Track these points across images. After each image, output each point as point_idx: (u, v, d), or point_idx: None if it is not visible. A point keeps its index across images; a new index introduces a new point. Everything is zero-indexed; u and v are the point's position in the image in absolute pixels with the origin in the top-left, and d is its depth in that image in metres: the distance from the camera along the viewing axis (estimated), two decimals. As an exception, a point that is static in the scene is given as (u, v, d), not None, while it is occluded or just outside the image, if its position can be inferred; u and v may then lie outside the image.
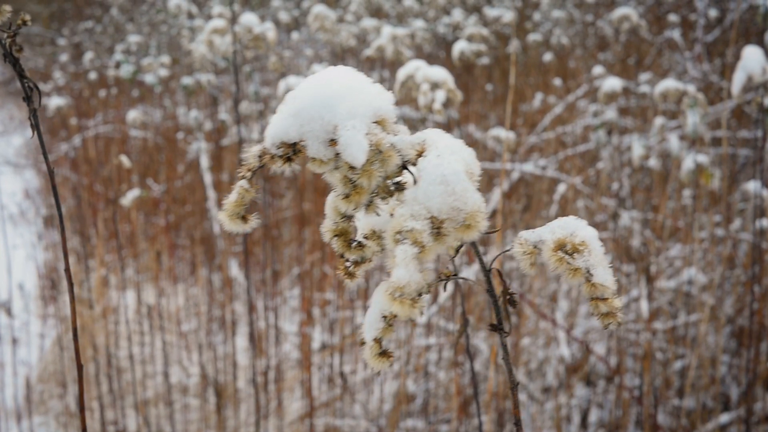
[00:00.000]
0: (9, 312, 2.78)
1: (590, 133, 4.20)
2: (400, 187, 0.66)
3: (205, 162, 4.06)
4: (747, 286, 2.94)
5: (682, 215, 3.56)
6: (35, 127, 0.84)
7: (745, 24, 4.85)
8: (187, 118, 5.21)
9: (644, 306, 2.80)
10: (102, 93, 6.95)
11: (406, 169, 0.66)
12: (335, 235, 0.68)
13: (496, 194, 3.78)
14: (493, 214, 3.68)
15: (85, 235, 4.27)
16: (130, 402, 3.21)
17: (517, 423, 0.71)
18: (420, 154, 0.65)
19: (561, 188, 3.73)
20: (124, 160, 3.31)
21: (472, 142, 4.62)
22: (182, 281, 4.36)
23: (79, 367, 0.84)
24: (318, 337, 3.48)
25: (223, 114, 4.96)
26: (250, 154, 0.65)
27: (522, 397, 2.91)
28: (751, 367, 2.09)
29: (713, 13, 4.95)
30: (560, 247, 0.65)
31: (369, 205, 0.66)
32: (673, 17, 5.05)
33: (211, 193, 3.92)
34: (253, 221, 0.66)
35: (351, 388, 3.04)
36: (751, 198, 3.06)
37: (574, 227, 0.66)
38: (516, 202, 4.20)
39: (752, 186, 2.75)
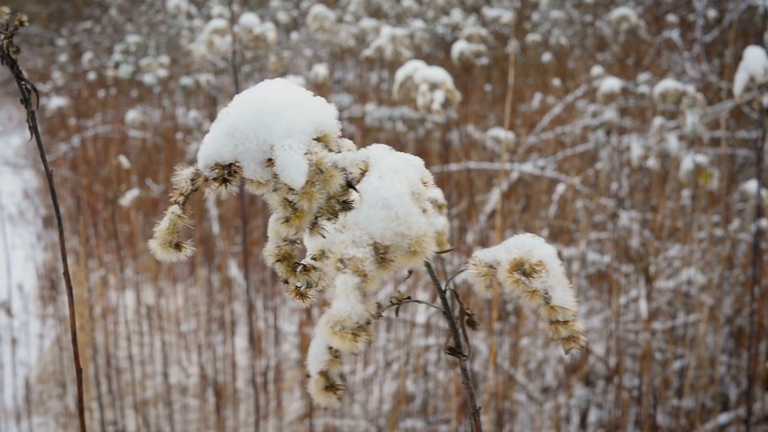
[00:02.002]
0: (9, 312, 2.78)
1: (589, 134, 4.21)
2: (347, 207, 0.62)
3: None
4: (746, 286, 2.95)
5: (681, 215, 3.56)
6: (33, 129, 0.84)
7: (743, 24, 4.86)
8: (186, 119, 5.21)
9: (643, 306, 2.80)
10: (101, 93, 6.95)
11: (352, 187, 0.61)
12: (278, 260, 0.64)
13: (495, 194, 3.78)
14: (492, 215, 3.68)
15: (84, 236, 4.27)
16: (129, 402, 3.21)
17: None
18: (364, 173, 0.61)
19: (560, 188, 3.73)
20: (123, 160, 3.31)
21: (471, 142, 4.62)
22: (181, 281, 4.36)
23: (78, 371, 0.84)
24: (317, 337, 3.48)
25: (222, 114, 4.96)
26: (181, 177, 0.61)
27: (521, 397, 2.92)
28: (750, 367, 2.10)
29: (712, 13, 4.95)
30: (516, 267, 0.61)
31: (313, 227, 0.62)
32: (671, 17, 5.06)
33: (210, 194, 3.92)
34: (188, 249, 0.62)
35: (350, 388, 3.05)
36: (750, 198, 3.06)
37: (531, 246, 0.61)
38: (515, 202, 4.20)
39: (751, 186, 2.76)
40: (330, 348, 0.62)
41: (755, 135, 2.21)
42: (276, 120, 0.60)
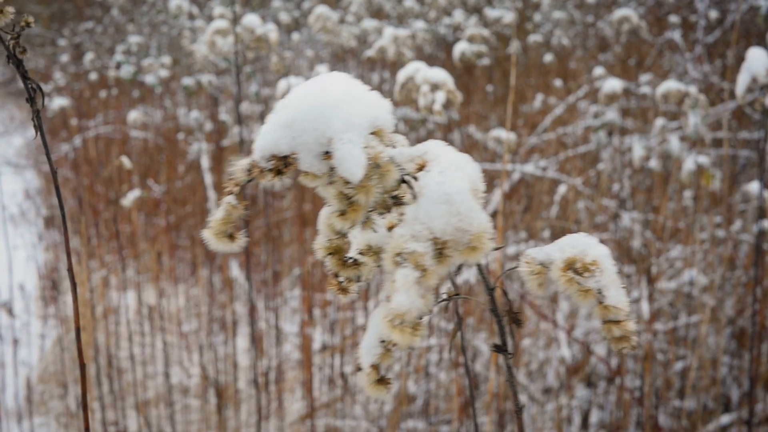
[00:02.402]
0: (10, 312, 2.78)
1: (591, 134, 4.21)
2: (398, 202, 0.62)
3: (205, 162, 4.06)
4: (748, 287, 2.94)
5: (682, 216, 3.56)
6: (38, 128, 0.84)
7: (745, 25, 4.85)
8: (188, 119, 5.21)
9: (645, 307, 2.80)
10: (102, 93, 6.95)
11: (405, 183, 0.62)
12: (329, 253, 0.64)
13: (497, 195, 3.78)
14: (493, 215, 3.68)
15: (85, 236, 4.27)
16: (130, 402, 3.21)
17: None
18: (420, 168, 0.61)
19: (561, 189, 3.73)
20: (125, 160, 3.31)
21: (472, 143, 4.62)
22: (183, 282, 4.36)
23: (82, 366, 0.84)
24: (319, 337, 3.48)
25: (224, 115, 4.96)
26: (238, 167, 0.61)
27: (523, 398, 2.91)
28: (752, 368, 2.09)
29: (714, 14, 4.95)
30: (570, 266, 0.61)
31: (366, 221, 0.62)
32: (673, 18, 5.05)
33: (212, 194, 3.92)
34: (241, 239, 0.62)
35: (352, 389, 3.04)
36: (751, 199, 3.06)
37: (585, 245, 0.62)
38: (517, 203, 4.20)
39: (753, 187, 2.75)
40: (383, 341, 0.62)
41: (757, 136, 2.21)
42: (335, 113, 0.60)
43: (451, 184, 0.59)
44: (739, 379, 2.77)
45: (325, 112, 0.60)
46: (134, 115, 4.64)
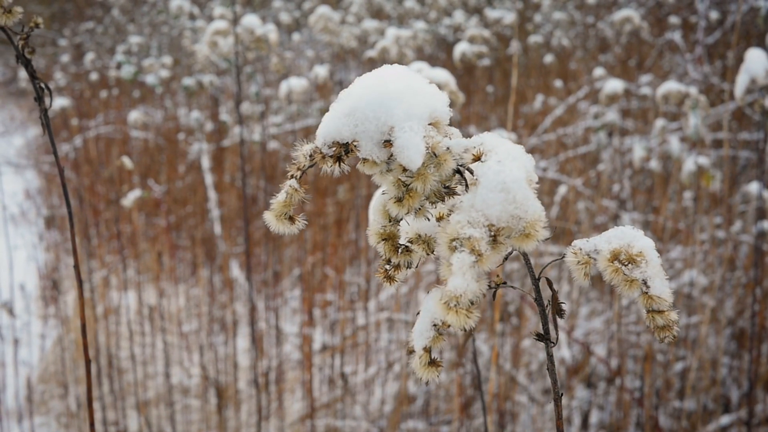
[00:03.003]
0: (11, 311, 2.78)
1: (591, 135, 4.21)
2: (451, 192, 0.64)
3: (206, 163, 4.07)
4: (748, 288, 2.95)
5: (682, 217, 3.56)
6: (46, 126, 0.85)
7: (746, 26, 4.86)
8: (188, 119, 5.22)
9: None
10: (103, 94, 6.96)
11: (460, 173, 0.64)
12: (383, 239, 0.66)
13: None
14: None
15: (86, 236, 4.27)
16: (131, 403, 3.21)
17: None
18: (476, 159, 0.63)
19: (562, 190, 3.73)
20: (126, 161, 3.32)
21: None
22: (183, 282, 4.36)
23: (87, 362, 0.85)
24: (319, 338, 3.48)
25: (225, 115, 4.97)
26: (301, 152, 0.63)
27: (523, 398, 2.92)
28: (752, 369, 2.09)
29: (714, 15, 4.95)
30: (616, 257, 0.63)
31: (419, 210, 0.64)
32: (673, 19, 5.06)
33: (212, 194, 3.93)
34: (301, 222, 0.64)
35: (352, 389, 3.05)
36: (751, 200, 3.06)
37: (631, 237, 0.64)
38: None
39: (753, 188, 2.76)
40: (435, 325, 0.63)
41: (757, 137, 2.21)
42: (397, 103, 0.63)
43: (508, 173, 0.61)
44: (738, 380, 2.78)
45: (386, 102, 0.63)
46: (135, 116, 4.64)
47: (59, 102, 5.01)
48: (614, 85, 3.18)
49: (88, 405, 0.82)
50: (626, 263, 0.62)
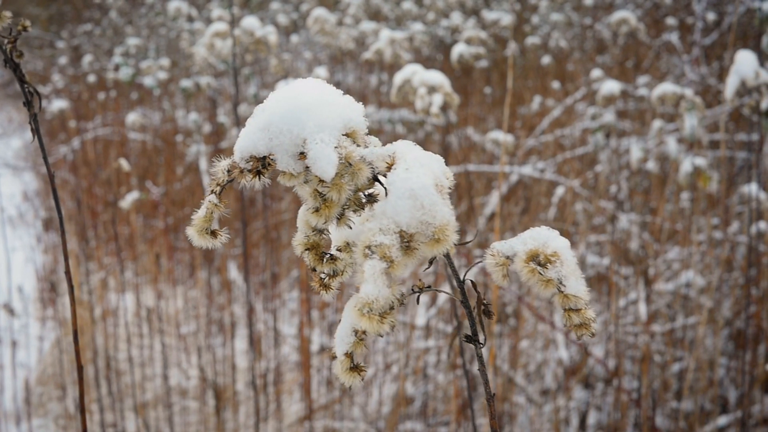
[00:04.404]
0: (12, 311, 2.78)
1: (588, 136, 4.22)
2: (372, 200, 0.65)
3: (204, 164, 4.07)
4: (745, 288, 2.95)
5: (680, 218, 3.57)
6: (35, 131, 0.85)
7: (742, 27, 4.87)
8: (186, 121, 5.22)
9: (642, 309, 2.81)
10: (101, 96, 6.95)
11: (378, 181, 0.65)
12: (306, 249, 0.67)
13: (495, 197, 3.79)
14: (491, 217, 3.68)
15: (84, 238, 4.27)
16: (129, 404, 3.21)
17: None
18: (390, 167, 0.64)
19: (559, 191, 3.74)
20: (123, 163, 3.32)
21: (470, 145, 4.63)
22: (181, 284, 4.36)
23: (80, 368, 0.85)
24: (317, 339, 3.48)
25: (222, 116, 4.97)
26: (219, 168, 0.64)
27: (521, 399, 2.92)
28: (749, 369, 2.10)
29: (711, 16, 4.96)
30: (532, 258, 0.64)
31: (340, 218, 0.65)
32: (671, 20, 5.07)
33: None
34: (223, 236, 0.65)
35: (350, 391, 3.05)
36: (748, 201, 3.07)
37: (546, 238, 0.65)
38: (515, 204, 4.21)
39: (750, 189, 2.76)
40: (356, 331, 0.65)
41: (754, 138, 2.22)
42: (309, 116, 0.64)
43: (415, 180, 0.62)
44: (736, 381, 2.78)
45: (299, 115, 0.64)
46: (133, 117, 4.64)
47: (57, 104, 5.00)
48: (611, 87, 3.19)
49: (80, 412, 0.82)
50: (543, 264, 0.64)
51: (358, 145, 0.65)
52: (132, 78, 4.81)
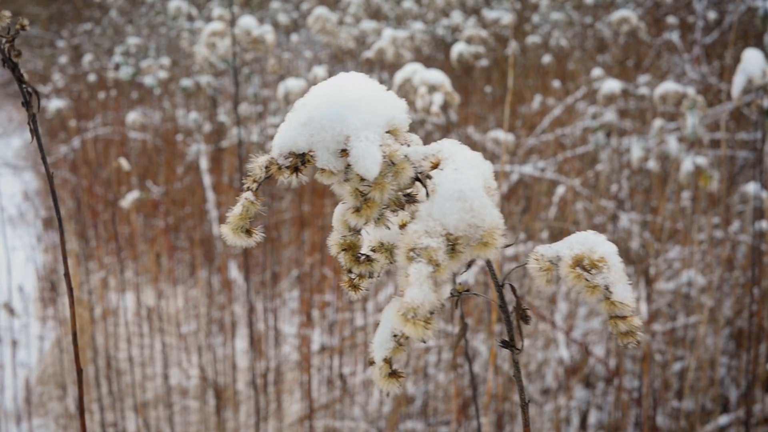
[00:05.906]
0: (12, 311, 2.78)
1: (589, 135, 4.21)
2: (411, 200, 0.63)
3: (204, 164, 4.07)
4: (746, 288, 2.95)
5: (681, 217, 3.56)
6: (34, 131, 0.84)
7: (743, 26, 4.86)
8: (187, 120, 5.22)
9: (643, 308, 2.80)
10: (101, 95, 6.95)
11: (419, 181, 0.63)
12: (343, 249, 0.65)
13: (495, 196, 3.78)
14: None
15: (84, 237, 4.27)
16: (129, 404, 3.21)
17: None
18: (435, 166, 0.62)
19: (560, 190, 3.73)
20: (124, 162, 3.32)
21: (471, 144, 4.62)
22: (182, 283, 4.36)
23: (79, 372, 0.84)
24: (317, 339, 3.48)
25: (222, 116, 4.97)
26: (257, 164, 0.62)
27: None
28: (750, 368, 2.10)
29: (712, 15, 4.96)
30: (578, 263, 0.62)
31: (379, 219, 0.63)
32: (671, 19, 5.06)
33: (211, 195, 3.93)
34: (258, 235, 0.63)
35: (350, 390, 3.05)
36: (749, 200, 3.07)
37: (593, 242, 0.63)
38: (515, 204, 4.20)
39: (751, 188, 2.76)
40: (395, 336, 0.63)
41: (755, 137, 2.21)
42: (352, 112, 0.62)
43: (465, 181, 0.60)
44: (737, 380, 2.78)
45: (342, 111, 0.62)
46: (133, 117, 4.64)
47: (57, 103, 5.00)
48: (612, 86, 3.18)
49: (80, 414, 0.82)
50: (589, 269, 0.62)
51: (401, 144, 0.63)
52: (132, 77, 4.80)
